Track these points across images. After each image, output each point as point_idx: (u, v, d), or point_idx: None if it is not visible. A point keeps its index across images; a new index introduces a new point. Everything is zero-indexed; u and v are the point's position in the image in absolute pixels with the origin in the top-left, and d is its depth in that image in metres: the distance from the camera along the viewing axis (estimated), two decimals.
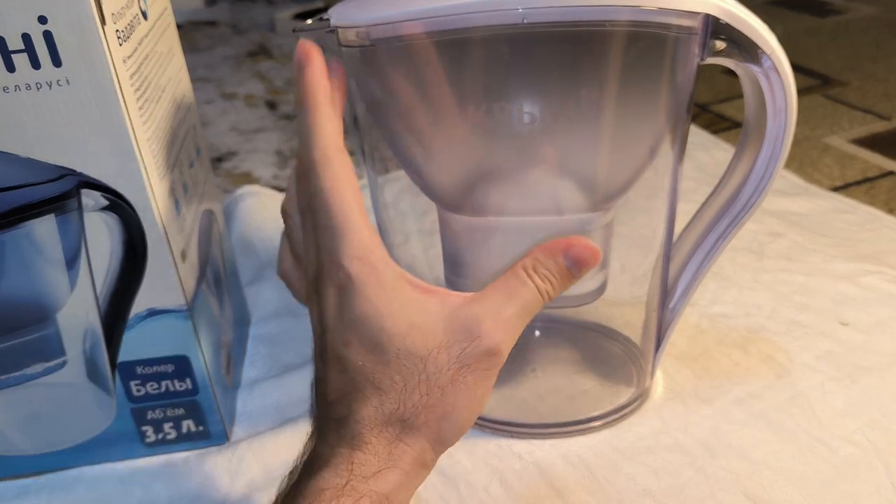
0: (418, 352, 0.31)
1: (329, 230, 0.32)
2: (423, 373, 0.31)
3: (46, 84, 0.35)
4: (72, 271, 0.40)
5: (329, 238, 0.32)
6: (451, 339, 0.32)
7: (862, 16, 1.26)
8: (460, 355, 0.31)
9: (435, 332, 0.32)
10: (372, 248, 0.32)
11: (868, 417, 0.46)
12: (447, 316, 0.32)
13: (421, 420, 0.31)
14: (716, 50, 0.38)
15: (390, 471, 0.31)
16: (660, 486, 0.42)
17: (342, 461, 0.31)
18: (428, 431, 0.32)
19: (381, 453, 0.31)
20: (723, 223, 0.44)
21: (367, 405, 0.31)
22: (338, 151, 0.33)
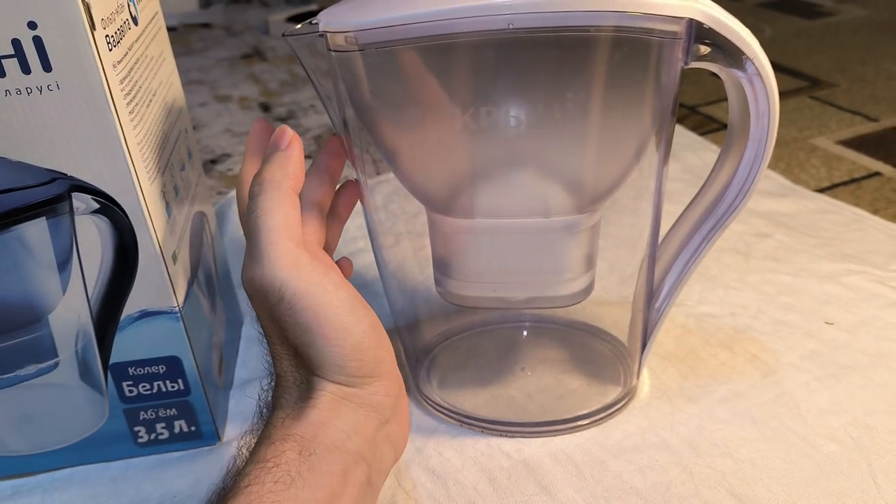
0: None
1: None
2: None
3: (37, 89, 0.35)
4: (63, 274, 0.41)
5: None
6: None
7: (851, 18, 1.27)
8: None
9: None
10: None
11: (852, 416, 0.47)
12: None
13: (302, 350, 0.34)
14: (700, 55, 0.39)
15: (302, 411, 0.34)
16: (646, 483, 0.43)
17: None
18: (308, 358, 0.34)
19: (292, 401, 0.35)
20: (707, 224, 0.45)
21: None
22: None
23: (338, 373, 0.34)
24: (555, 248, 0.42)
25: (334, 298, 0.34)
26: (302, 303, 0.33)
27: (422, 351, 0.53)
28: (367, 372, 0.34)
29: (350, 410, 0.34)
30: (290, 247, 0.34)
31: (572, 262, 0.43)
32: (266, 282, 0.33)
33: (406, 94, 0.38)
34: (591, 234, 0.43)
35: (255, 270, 0.34)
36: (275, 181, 0.35)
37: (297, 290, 0.33)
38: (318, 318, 0.33)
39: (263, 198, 0.35)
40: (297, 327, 0.33)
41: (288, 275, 0.33)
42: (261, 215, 0.34)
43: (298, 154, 0.37)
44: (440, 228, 0.43)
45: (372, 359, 0.35)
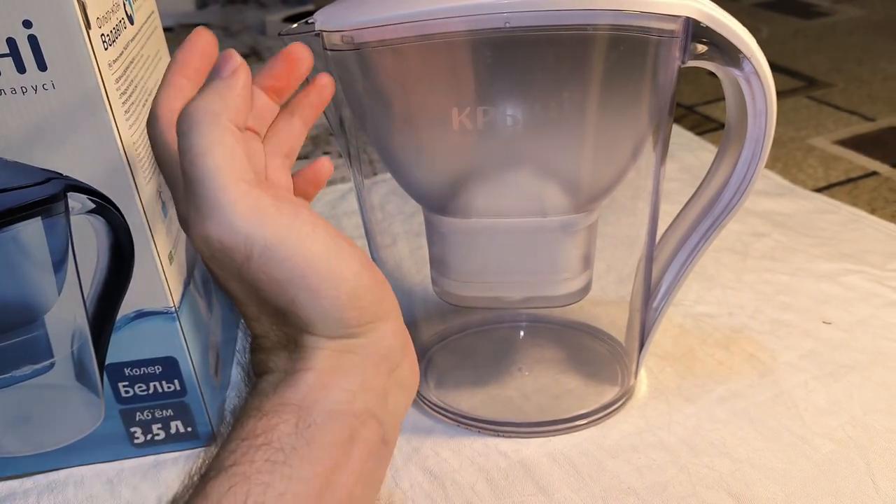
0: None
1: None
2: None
3: (32, 88, 0.35)
4: (59, 274, 0.40)
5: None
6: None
7: (848, 18, 1.27)
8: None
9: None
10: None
11: (850, 415, 0.47)
12: None
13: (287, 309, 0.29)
14: (697, 53, 0.39)
15: (296, 375, 0.29)
16: (643, 483, 0.43)
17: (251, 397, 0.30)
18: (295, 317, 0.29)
19: (281, 364, 0.30)
20: (705, 224, 0.45)
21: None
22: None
23: (335, 326, 0.29)
24: (552, 248, 0.42)
25: (314, 242, 0.28)
26: (276, 255, 0.27)
27: (419, 351, 0.53)
28: (369, 318, 0.29)
29: (355, 364, 0.29)
30: (245, 188, 0.27)
31: (569, 262, 0.43)
32: (226, 238, 0.27)
33: (402, 94, 0.38)
34: (588, 234, 0.43)
35: (208, 226, 0.27)
36: (211, 112, 0.28)
37: (268, 241, 0.27)
38: (299, 268, 0.27)
39: (197, 133, 0.27)
40: (276, 285, 0.28)
41: (251, 224, 0.27)
42: (198, 155, 0.27)
43: (244, 84, 0.29)
44: (437, 228, 0.43)
45: (371, 301, 0.29)
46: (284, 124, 0.35)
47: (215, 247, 0.28)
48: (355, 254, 0.29)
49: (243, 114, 0.29)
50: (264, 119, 0.33)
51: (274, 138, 0.34)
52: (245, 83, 0.29)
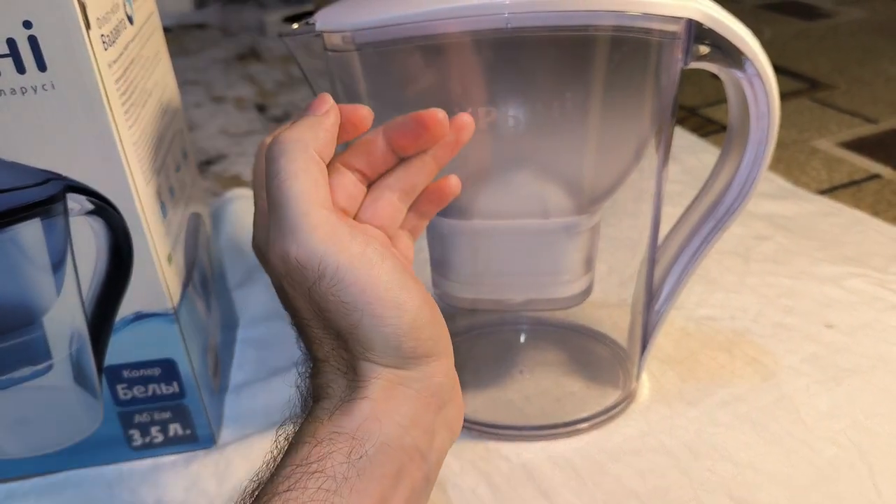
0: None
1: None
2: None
3: (31, 88, 0.35)
4: (58, 275, 0.40)
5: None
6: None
7: (850, 20, 1.27)
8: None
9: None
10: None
11: (852, 419, 0.47)
12: None
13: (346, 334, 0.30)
14: (699, 55, 0.39)
15: (352, 403, 0.30)
16: (645, 487, 0.43)
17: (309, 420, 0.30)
18: (354, 341, 0.30)
19: (339, 391, 0.31)
20: (707, 226, 0.45)
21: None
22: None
23: (392, 355, 0.30)
24: (554, 250, 0.42)
25: (382, 271, 0.29)
26: (347, 278, 0.29)
27: None
28: (425, 351, 0.30)
29: (407, 398, 0.30)
30: (325, 215, 0.29)
31: (571, 264, 0.42)
32: (303, 257, 0.29)
33: (403, 95, 0.38)
34: (590, 236, 0.42)
35: (287, 244, 0.29)
36: (301, 141, 0.30)
37: (340, 265, 0.29)
38: (366, 294, 0.29)
39: (286, 160, 0.30)
40: (343, 307, 0.29)
41: (327, 247, 0.29)
42: (285, 180, 0.29)
43: (333, 123, 0.32)
44: (438, 230, 0.43)
45: (429, 336, 0.30)
46: (416, 161, 0.35)
47: (291, 265, 0.29)
48: (419, 289, 0.31)
49: (330, 147, 0.32)
50: (376, 165, 0.35)
51: (399, 174, 0.35)
52: (334, 122, 0.32)
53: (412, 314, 0.30)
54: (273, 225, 0.30)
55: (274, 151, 0.30)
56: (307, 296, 0.30)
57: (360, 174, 0.35)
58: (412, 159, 0.35)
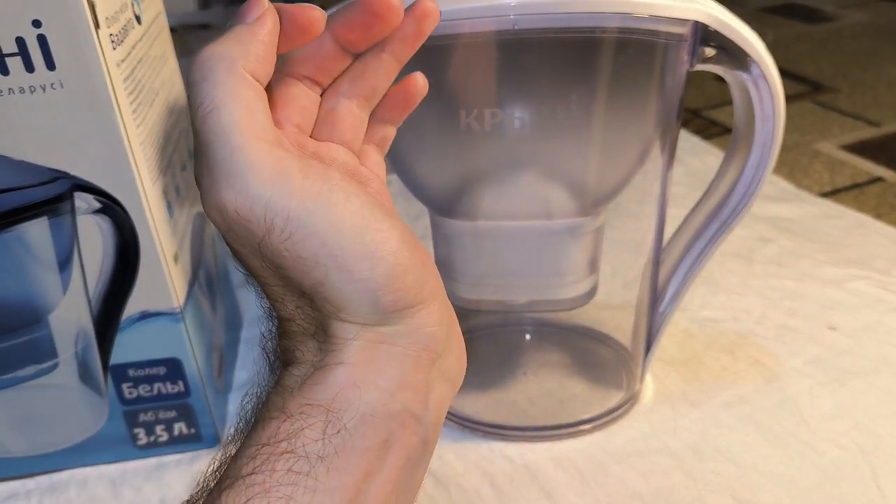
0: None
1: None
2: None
3: (40, 87, 0.35)
4: (64, 274, 0.40)
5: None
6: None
7: (853, 23, 1.27)
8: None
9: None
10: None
11: (855, 421, 0.47)
12: None
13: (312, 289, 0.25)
14: (705, 57, 0.39)
15: (325, 370, 0.25)
16: (649, 489, 0.43)
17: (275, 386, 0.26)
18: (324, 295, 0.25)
19: (309, 355, 0.26)
20: (712, 228, 0.45)
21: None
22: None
23: (369, 312, 0.25)
24: (558, 251, 0.42)
25: (346, 213, 0.24)
26: (302, 229, 0.24)
27: None
28: (409, 301, 0.25)
29: (392, 357, 0.25)
30: (266, 148, 0.24)
31: (575, 266, 0.42)
32: (244, 207, 0.24)
33: None
34: (594, 238, 0.43)
35: (223, 193, 0.24)
36: (228, 59, 0.24)
37: (292, 212, 0.24)
38: (328, 246, 0.24)
39: (210, 84, 0.24)
40: (301, 263, 0.24)
41: (273, 191, 0.23)
42: (212, 110, 0.24)
43: (270, 31, 0.26)
44: (442, 231, 0.43)
45: (412, 283, 0.25)
46: (372, 60, 0.29)
47: (231, 217, 0.24)
48: (395, 227, 0.25)
49: (267, 62, 0.26)
50: (327, 69, 0.29)
51: (354, 77, 0.29)
52: (271, 30, 0.26)
53: (388, 261, 0.24)
54: (203, 170, 0.24)
55: (195, 74, 0.25)
56: (258, 254, 0.25)
57: (309, 81, 0.29)
58: (367, 57, 0.29)
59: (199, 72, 0.24)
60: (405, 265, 0.25)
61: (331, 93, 0.30)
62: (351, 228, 0.24)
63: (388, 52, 0.29)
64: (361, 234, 0.24)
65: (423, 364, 0.26)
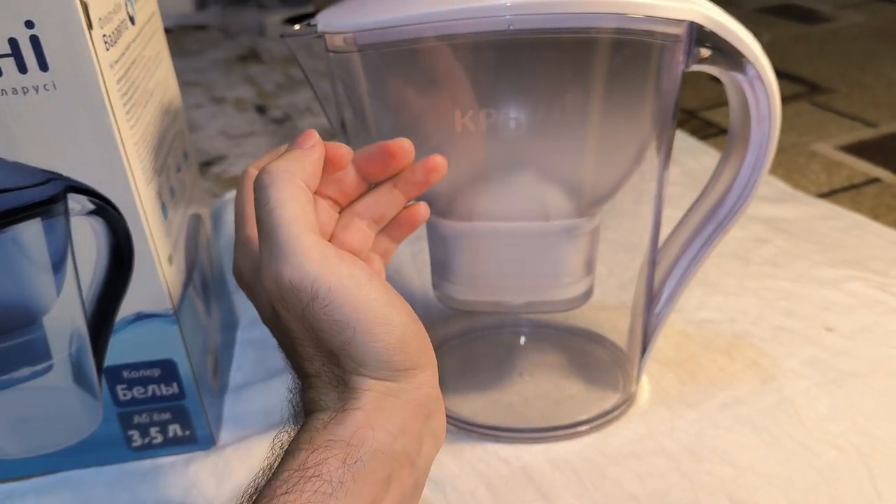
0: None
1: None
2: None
3: (33, 88, 0.35)
4: (58, 275, 0.40)
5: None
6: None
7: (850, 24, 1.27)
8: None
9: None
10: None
11: (852, 422, 0.47)
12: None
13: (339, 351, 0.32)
14: (701, 58, 0.39)
15: (345, 413, 0.31)
16: (645, 490, 0.43)
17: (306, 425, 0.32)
18: (346, 357, 0.31)
19: (331, 403, 0.32)
20: (708, 229, 0.45)
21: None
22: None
23: (383, 368, 0.31)
24: (554, 252, 0.42)
25: (371, 290, 0.31)
26: (338, 298, 0.30)
27: None
28: (412, 364, 0.32)
29: (397, 408, 0.31)
30: (315, 239, 0.31)
31: (571, 267, 0.42)
32: (297, 279, 0.30)
33: (405, 96, 0.38)
34: (590, 239, 0.42)
35: (281, 267, 0.30)
36: (290, 171, 0.32)
37: (332, 285, 0.30)
38: (357, 312, 0.30)
39: (276, 188, 0.31)
40: (335, 325, 0.30)
41: (320, 269, 0.30)
42: (276, 207, 0.31)
43: (319, 156, 0.34)
44: (439, 232, 0.43)
45: (416, 349, 0.32)
46: (385, 191, 0.37)
47: (285, 287, 0.30)
48: (404, 306, 0.32)
49: (315, 178, 0.33)
50: (347, 193, 0.37)
51: (368, 203, 0.37)
52: (320, 155, 0.34)
53: (400, 329, 0.31)
54: (264, 251, 0.31)
55: (264, 181, 0.32)
56: (300, 316, 0.31)
57: (331, 201, 0.37)
58: (381, 189, 0.37)
59: (269, 179, 0.32)
60: (412, 334, 0.32)
61: (348, 211, 0.37)
62: (374, 301, 0.31)
63: (399, 189, 0.37)
64: (381, 306, 0.31)
65: (419, 417, 0.32)
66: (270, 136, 0.97)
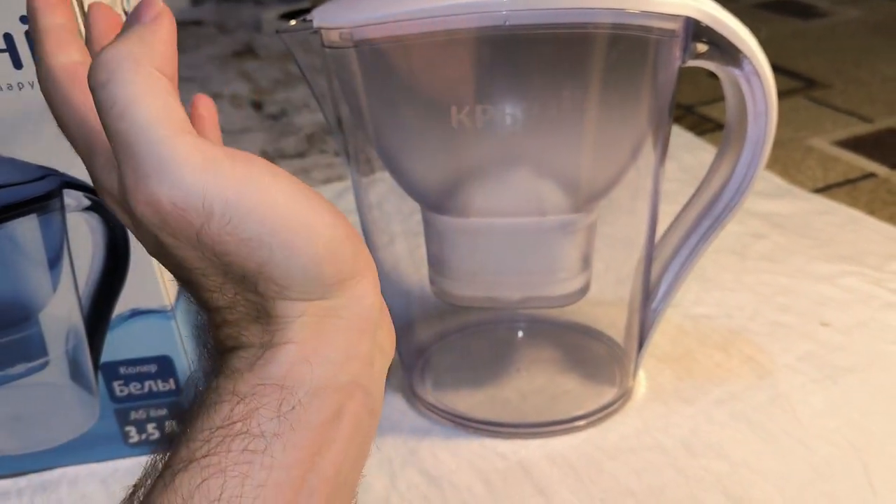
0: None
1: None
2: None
3: (28, 84, 0.35)
4: (54, 271, 0.40)
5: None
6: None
7: (846, 19, 1.27)
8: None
9: None
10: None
11: (847, 417, 0.47)
12: None
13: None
14: (697, 53, 0.39)
15: (274, 350, 0.26)
16: (641, 485, 0.43)
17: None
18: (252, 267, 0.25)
19: (255, 338, 0.26)
20: (704, 224, 0.45)
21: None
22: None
23: (313, 286, 0.25)
24: (550, 248, 0.42)
25: (279, 192, 0.25)
26: (241, 211, 0.24)
27: (416, 351, 0.53)
28: (349, 272, 0.26)
29: (339, 330, 0.26)
30: (192, 140, 0.24)
31: (568, 262, 0.42)
32: (180, 198, 0.23)
33: (401, 92, 0.38)
34: (587, 234, 0.42)
35: (154, 188, 0.23)
36: (132, 58, 0.24)
37: (229, 196, 0.24)
38: (268, 223, 0.24)
39: (119, 83, 0.24)
40: (244, 245, 0.24)
41: (208, 179, 0.24)
42: (126, 106, 0.23)
43: (170, 30, 0.26)
44: (435, 227, 0.43)
45: (350, 254, 0.26)
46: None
47: (166, 210, 0.24)
48: (324, 202, 0.26)
49: (171, 61, 0.25)
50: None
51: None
52: (171, 29, 0.26)
53: (326, 234, 0.25)
54: (127, 168, 0.24)
55: (101, 75, 0.24)
56: (195, 242, 0.25)
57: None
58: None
59: (104, 73, 0.24)
60: (341, 236, 0.26)
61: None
62: (286, 205, 0.25)
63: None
64: (297, 209, 0.25)
65: (366, 335, 0.27)
66: (267, 132, 0.97)
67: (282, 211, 0.24)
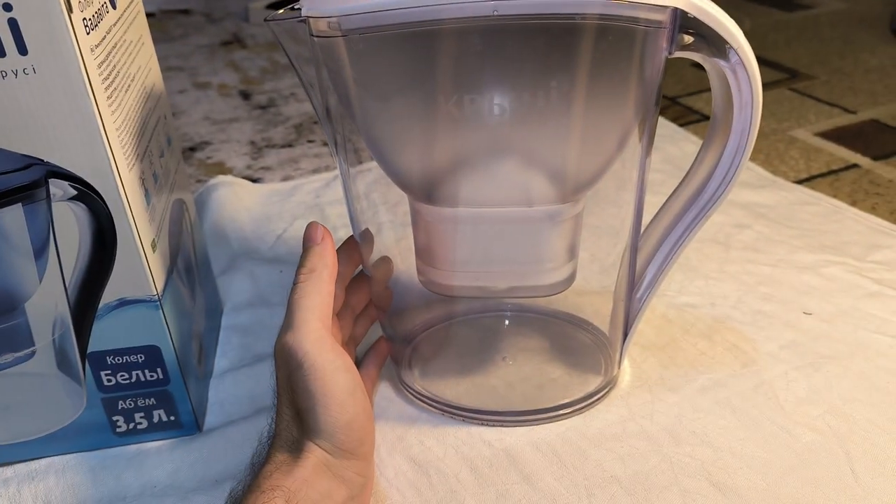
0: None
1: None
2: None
3: (12, 72, 0.35)
4: (40, 261, 0.40)
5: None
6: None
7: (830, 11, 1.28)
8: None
9: None
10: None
11: (829, 405, 0.47)
12: None
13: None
14: (684, 44, 0.39)
15: (292, 468, 0.38)
16: (626, 472, 0.43)
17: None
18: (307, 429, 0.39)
19: (285, 455, 0.39)
20: (689, 215, 0.45)
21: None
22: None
23: (327, 440, 0.38)
24: (537, 238, 0.42)
25: (341, 378, 0.39)
26: (315, 373, 0.38)
27: (403, 340, 0.53)
28: (350, 448, 0.39)
29: (326, 477, 0.38)
30: (319, 326, 0.40)
31: (554, 252, 0.43)
32: (292, 348, 0.39)
33: (389, 81, 0.38)
34: (573, 224, 0.43)
35: (286, 337, 0.39)
36: (316, 270, 0.42)
37: (315, 363, 0.38)
38: (324, 389, 0.38)
39: (305, 283, 0.41)
40: (306, 393, 0.38)
41: (312, 348, 0.39)
42: (301, 297, 0.41)
43: (332, 245, 0.43)
44: (423, 217, 0.43)
45: (357, 438, 0.39)
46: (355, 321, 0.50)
47: (285, 350, 0.39)
48: (364, 402, 0.40)
49: (336, 267, 0.43)
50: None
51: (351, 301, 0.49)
52: (332, 244, 0.44)
53: (350, 415, 0.39)
54: (284, 322, 0.40)
55: (298, 278, 0.42)
56: (287, 377, 0.40)
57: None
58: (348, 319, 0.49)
59: (302, 276, 0.42)
60: (359, 423, 0.39)
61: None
62: (339, 387, 0.39)
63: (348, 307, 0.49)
64: (343, 393, 0.39)
65: (341, 492, 0.38)
66: (255, 122, 0.96)
67: (335, 388, 0.38)
